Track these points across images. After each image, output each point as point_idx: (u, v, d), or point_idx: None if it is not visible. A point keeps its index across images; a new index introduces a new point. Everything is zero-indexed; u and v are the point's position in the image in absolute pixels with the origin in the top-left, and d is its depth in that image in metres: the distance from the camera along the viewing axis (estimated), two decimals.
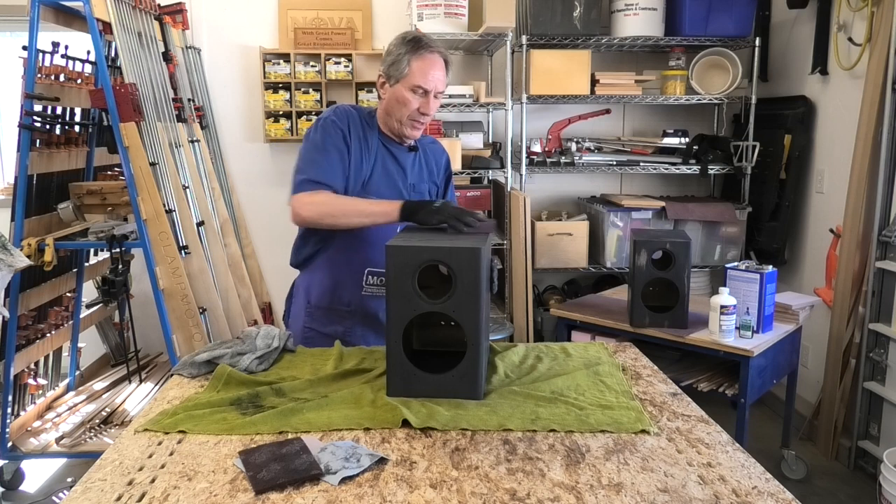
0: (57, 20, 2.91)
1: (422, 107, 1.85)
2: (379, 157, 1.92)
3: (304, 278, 2.03)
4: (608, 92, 3.57)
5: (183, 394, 1.55)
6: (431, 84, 1.83)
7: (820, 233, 3.36)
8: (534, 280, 3.51)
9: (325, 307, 1.97)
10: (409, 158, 1.98)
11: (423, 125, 1.93)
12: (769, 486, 1.15)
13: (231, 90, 3.86)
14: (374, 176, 1.91)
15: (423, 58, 1.82)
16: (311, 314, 1.99)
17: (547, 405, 1.45)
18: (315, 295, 1.98)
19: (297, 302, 2.04)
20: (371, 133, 1.92)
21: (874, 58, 2.86)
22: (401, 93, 1.84)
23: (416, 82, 1.82)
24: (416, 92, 1.83)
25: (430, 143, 2.09)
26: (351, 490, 1.13)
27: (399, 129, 1.90)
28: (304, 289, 2.02)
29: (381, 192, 1.89)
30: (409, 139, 1.94)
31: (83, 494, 1.13)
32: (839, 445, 3.07)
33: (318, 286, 1.97)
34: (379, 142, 1.93)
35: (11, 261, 2.48)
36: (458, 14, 3.37)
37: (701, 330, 2.48)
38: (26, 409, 3.06)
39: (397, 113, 1.87)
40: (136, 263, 3.57)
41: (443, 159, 2.11)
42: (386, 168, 1.93)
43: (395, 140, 1.95)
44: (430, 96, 1.85)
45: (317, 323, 1.98)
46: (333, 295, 1.96)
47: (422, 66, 1.82)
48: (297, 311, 2.03)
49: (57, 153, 3.01)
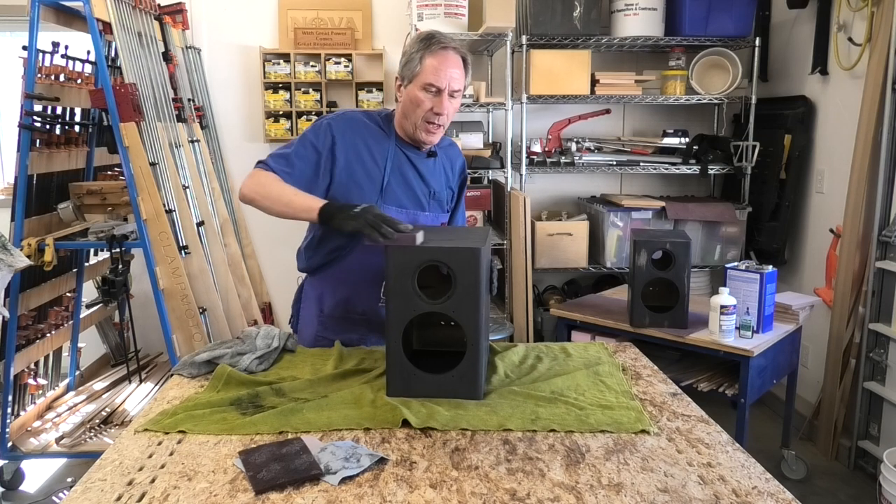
0: (57, 20, 2.91)
1: (435, 106, 1.75)
2: (395, 163, 1.83)
3: (315, 286, 1.96)
4: (608, 92, 3.57)
5: (183, 394, 1.55)
6: (444, 81, 1.73)
7: (820, 233, 3.36)
8: (534, 280, 3.51)
9: (338, 316, 1.92)
10: (428, 164, 1.89)
11: (440, 128, 1.81)
12: (769, 486, 1.15)
13: (231, 90, 3.86)
14: (390, 183, 1.83)
15: (436, 54, 1.73)
16: (324, 323, 1.93)
17: (547, 405, 1.45)
18: (329, 304, 1.92)
19: (308, 308, 1.98)
20: (387, 139, 1.84)
21: (874, 58, 2.86)
22: (413, 93, 1.75)
23: (427, 80, 1.73)
24: (429, 90, 1.74)
25: (447, 145, 1.98)
26: (351, 490, 1.13)
27: (414, 132, 1.80)
28: (315, 297, 1.95)
29: (400, 201, 1.83)
30: (426, 144, 1.84)
31: (83, 494, 1.13)
32: (839, 445, 3.07)
33: (331, 295, 1.92)
34: (397, 148, 1.84)
35: (11, 261, 2.48)
36: (458, 14, 3.37)
37: (701, 330, 2.48)
38: (26, 409, 3.06)
39: (412, 115, 1.78)
40: (136, 263, 3.57)
41: (458, 163, 2.01)
42: (403, 175, 1.85)
43: (413, 146, 1.86)
44: (444, 95, 1.74)
45: (330, 332, 1.91)
46: (348, 304, 1.90)
47: (434, 63, 1.72)
48: (309, 318, 1.97)
49: (57, 153, 3.01)
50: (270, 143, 3.83)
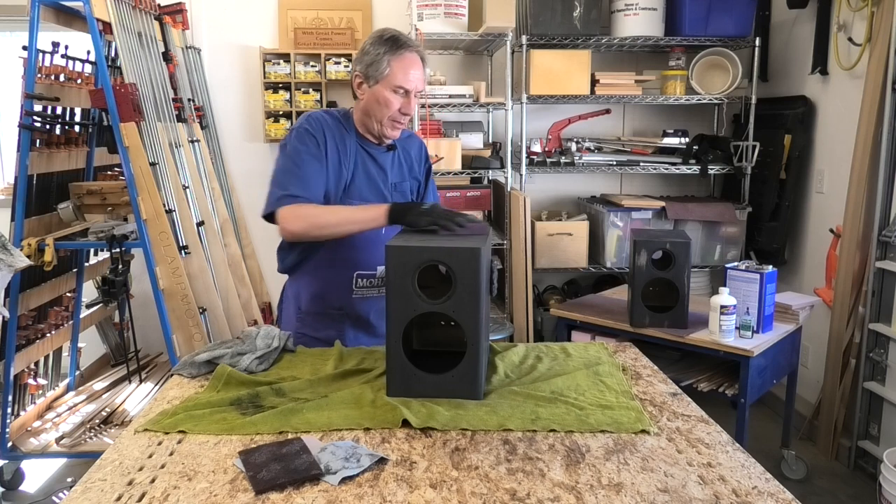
0: (57, 20, 2.91)
1: (403, 107, 1.83)
2: (358, 160, 1.89)
3: (292, 285, 2.01)
4: (608, 92, 3.57)
5: (183, 394, 1.55)
6: (413, 84, 1.81)
7: (820, 233, 3.36)
8: (534, 280, 3.52)
9: (315, 312, 1.95)
10: (388, 158, 1.95)
11: (403, 125, 1.90)
12: (769, 486, 1.15)
13: (231, 90, 3.86)
14: (355, 180, 1.88)
15: (403, 57, 1.80)
16: (303, 320, 1.97)
17: (547, 405, 1.44)
18: (305, 301, 1.96)
19: (288, 308, 2.03)
20: (348, 136, 1.90)
21: (874, 58, 2.86)
22: (381, 93, 1.81)
23: (397, 83, 1.80)
24: (398, 92, 1.81)
25: (405, 136, 2.03)
26: (351, 490, 1.13)
27: (379, 129, 1.87)
28: (293, 295, 2.00)
29: (364, 196, 1.88)
30: (388, 139, 1.91)
31: (83, 494, 1.13)
32: (839, 445, 3.07)
33: (306, 292, 1.96)
34: (357, 145, 1.90)
35: (11, 261, 2.48)
36: (458, 14, 3.37)
37: (701, 330, 2.48)
38: (26, 409, 3.06)
39: (377, 114, 1.84)
40: (136, 263, 3.57)
41: (421, 152, 2.07)
42: (367, 171, 1.90)
43: (372, 141, 1.92)
44: (411, 96, 1.83)
45: (309, 328, 1.95)
46: (323, 300, 1.94)
47: (403, 66, 1.79)
48: (289, 317, 2.01)
49: (57, 153, 3.02)
50: (270, 143, 3.84)
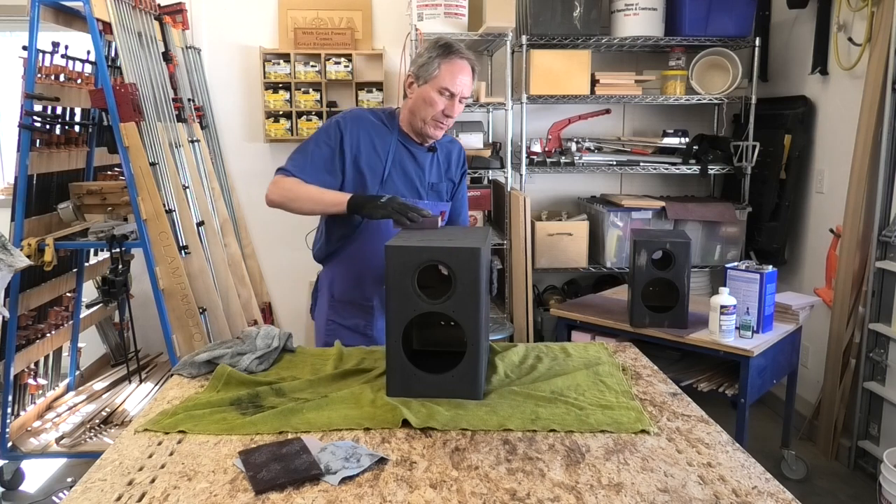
0: (57, 20, 2.91)
1: (447, 109, 1.94)
2: (397, 156, 2.00)
3: (327, 273, 2.13)
4: (608, 92, 3.57)
5: (183, 394, 1.55)
6: (458, 87, 1.92)
7: (820, 233, 3.36)
8: (534, 280, 3.51)
9: (347, 301, 2.07)
10: (427, 158, 2.06)
11: (446, 127, 2.00)
12: (769, 486, 1.15)
13: (231, 90, 3.86)
14: (391, 175, 1.99)
15: (454, 62, 1.91)
16: (335, 307, 2.09)
17: (547, 405, 1.45)
18: (338, 289, 2.08)
19: (322, 296, 2.14)
20: (389, 134, 2.01)
21: (874, 58, 2.86)
22: (428, 93, 1.92)
23: (443, 84, 1.90)
24: (443, 94, 1.92)
25: (447, 140, 2.15)
26: (351, 490, 1.13)
27: (422, 128, 1.97)
28: (327, 283, 2.11)
29: (399, 191, 1.99)
30: (430, 139, 2.02)
31: (83, 494, 1.13)
32: (839, 445, 3.07)
33: (340, 281, 2.08)
34: (398, 142, 2.01)
35: (11, 261, 2.48)
36: (458, 14, 3.37)
37: (701, 330, 2.48)
38: (26, 409, 3.06)
39: (422, 112, 1.95)
40: (136, 263, 3.57)
41: (459, 157, 2.18)
42: (403, 167, 2.01)
43: (415, 140, 2.03)
44: (456, 100, 1.93)
45: (339, 316, 2.08)
46: (356, 289, 2.06)
47: (451, 70, 1.91)
48: (322, 305, 2.13)
49: (57, 153, 3.01)
50: (270, 143, 3.84)
